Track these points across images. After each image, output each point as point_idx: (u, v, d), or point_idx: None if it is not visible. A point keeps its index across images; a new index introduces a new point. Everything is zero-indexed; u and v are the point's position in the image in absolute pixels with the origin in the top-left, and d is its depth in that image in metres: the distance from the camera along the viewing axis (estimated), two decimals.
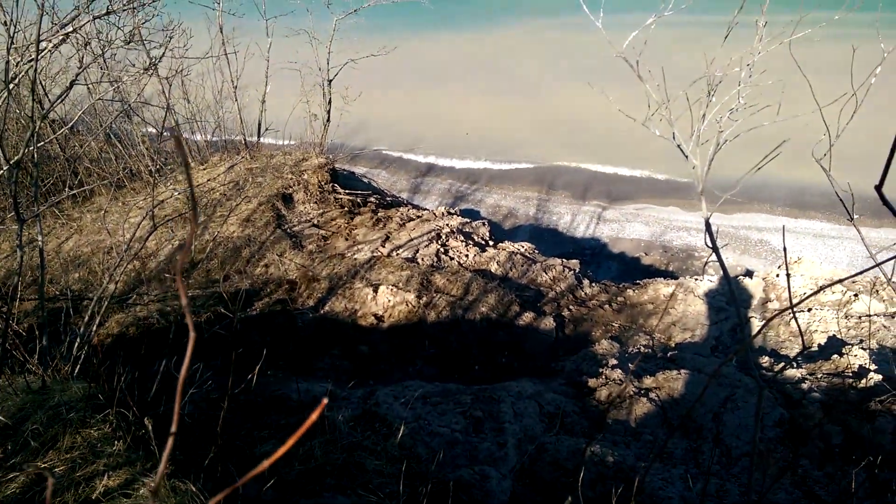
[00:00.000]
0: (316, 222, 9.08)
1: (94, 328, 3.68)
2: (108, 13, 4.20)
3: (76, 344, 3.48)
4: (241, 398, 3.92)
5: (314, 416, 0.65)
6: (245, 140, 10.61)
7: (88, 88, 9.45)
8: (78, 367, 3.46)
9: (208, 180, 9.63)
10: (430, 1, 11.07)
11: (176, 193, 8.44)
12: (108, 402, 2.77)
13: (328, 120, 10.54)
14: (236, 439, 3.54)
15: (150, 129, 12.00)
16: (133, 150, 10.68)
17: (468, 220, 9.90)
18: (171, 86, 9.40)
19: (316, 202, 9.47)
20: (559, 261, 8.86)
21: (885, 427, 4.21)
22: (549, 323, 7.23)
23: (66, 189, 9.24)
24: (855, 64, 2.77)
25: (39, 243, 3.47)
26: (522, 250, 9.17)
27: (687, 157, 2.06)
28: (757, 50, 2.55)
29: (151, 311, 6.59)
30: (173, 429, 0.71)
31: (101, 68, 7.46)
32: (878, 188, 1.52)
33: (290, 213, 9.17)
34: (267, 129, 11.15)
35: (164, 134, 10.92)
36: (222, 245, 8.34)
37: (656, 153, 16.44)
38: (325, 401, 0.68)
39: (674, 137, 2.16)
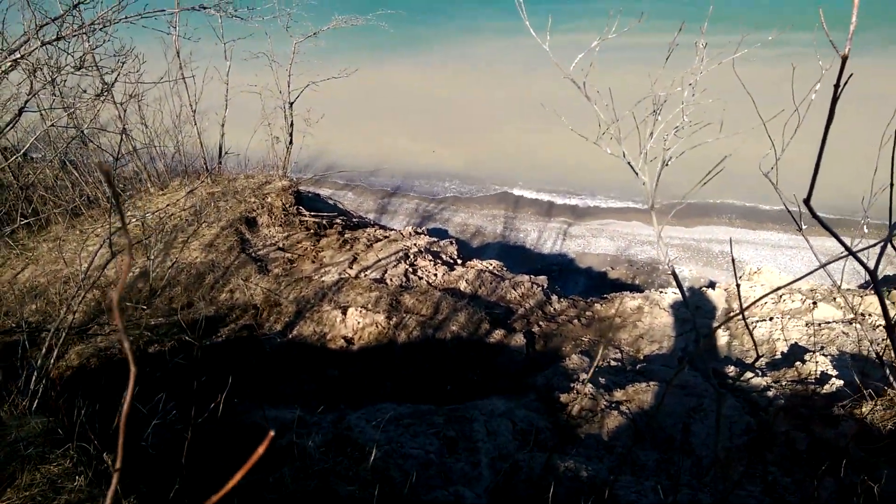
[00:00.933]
0: (281, 245, 8.96)
1: (53, 360, 3.53)
2: (57, 38, 4.12)
3: (33, 377, 3.34)
4: (207, 427, 3.81)
5: (260, 450, 0.64)
6: (206, 164, 10.45)
7: (41, 115, 9.22)
8: (36, 401, 3.32)
9: (168, 205, 9.43)
10: (389, 25, 11.14)
11: (134, 220, 8.24)
12: (67, 436, 2.65)
13: (290, 143, 10.48)
14: (204, 470, 3.43)
15: (108, 156, 11.74)
16: (90, 177, 10.40)
17: (436, 240, 9.91)
18: (125, 111, 9.22)
19: (281, 225, 9.36)
20: (527, 277, 8.93)
21: (847, 431, 4.32)
22: (519, 339, 7.25)
23: (20, 218, 8.93)
24: (796, 82, 2.89)
25: None
26: (490, 268, 9.21)
27: (637, 174, 2.12)
28: (699, 70, 2.65)
29: (113, 342, 6.37)
30: (117, 465, 0.68)
31: (53, 94, 7.28)
32: (807, 201, 1.60)
33: (255, 237, 9.03)
34: (227, 153, 11.01)
35: (121, 160, 10.70)
36: (185, 271, 8.15)
37: (614, 179, 16.82)
38: (272, 433, 0.67)
39: (624, 155, 2.22)
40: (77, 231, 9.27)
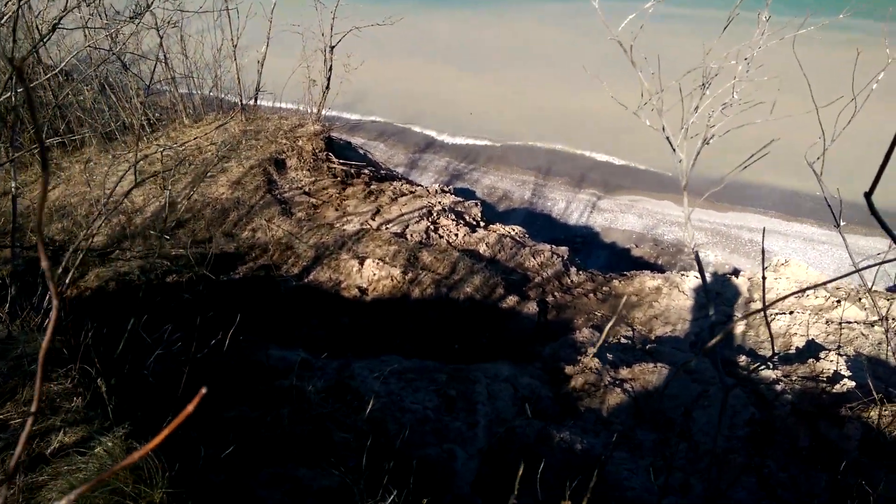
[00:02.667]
0: (307, 190, 8.99)
1: (68, 280, 3.62)
2: None
3: (48, 296, 3.43)
4: (213, 361, 3.89)
5: (190, 407, 0.62)
6: (241, 101, 10.43)
7: (85, 34, 9.25)
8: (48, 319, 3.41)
9: (198, 138, 9.48)
10: None
11: (161, 150, 8.31)
12: (71, 356, 2.73)
13: (327, 87, 10.37)
14: (206, 402, 3.52)
15: (155, 87, 11.81)
16: (127, 103, 10.49)
17: (461, 200, 9.83)
18: (161, 37, 9.17)
19: (309, 170, 9.36)
20: (548, 246, 8.84)
21: (852, 434, 4.24)
22: (532, 308, 7.23)
23: (55, 136, 9.08)
24: (858, 69, 2.70)
25: (13, 190, 3.39)
26: (513, 233, 9.14)
27: (674, 149, 2.01)
28: (757, 44, 2.48)
29: (132, 268, 6.52)
30: (33, 408, 0.67)
31: (90, 14, 7.26)
32: (868, 195, 1.47)
33: (282, 179, 9.07)
34: (261, 91, 10.94)
35: (157, 88, 10.75)
36: (210, 206, 8.25)
37: (653, 146, 16.35)
38: (204, 390, 0.65)
39: (663, 129, 2.10)
40: (109, 155, 9.40)
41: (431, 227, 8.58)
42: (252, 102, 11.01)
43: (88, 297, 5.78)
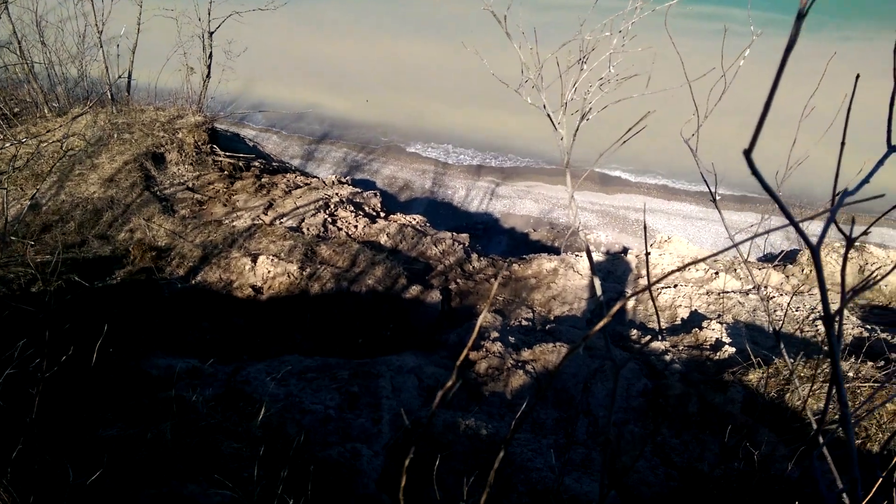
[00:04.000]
0: (191, 185, 8.41)
1: None
2: None
3: None
4: (83, 378, 3.50)
5: None
6: (111, 92, 9.56)
7: None
8: None
9: (47, 132, 8.58)
10: None
11: (7, 144, 7.44)
12: None
13: (208, 76, 9.75)
14: (74, 423, 3.15)
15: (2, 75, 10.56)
16: None
17: (359, 191, 9.62)
18: (1, 13, 8.23)
19: (192, 164, 8.76)
20: (450, 234, 8.85)
21: (735, 397, 4.55)
22: (435, 296, 7.20)
23: None
24: (728, 48, 2.82)
25: None
26: (414, 223, 9.06)
27: (556, 127, 1.99)
28: (631, 15, 2.51)
29: None
30: None
31: None
32: (747, 153, 1.48)
33: (161, 175, 8.41)
34: (128, 77, 10.09)
35: (8, 75, 9.67)
36: (80, 206, 7.50)
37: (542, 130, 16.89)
38: None
39: (544, 107, 2.07)
40: None
41: (329, 219, 8.32)
42: (124, 93, 10.14)
43: None
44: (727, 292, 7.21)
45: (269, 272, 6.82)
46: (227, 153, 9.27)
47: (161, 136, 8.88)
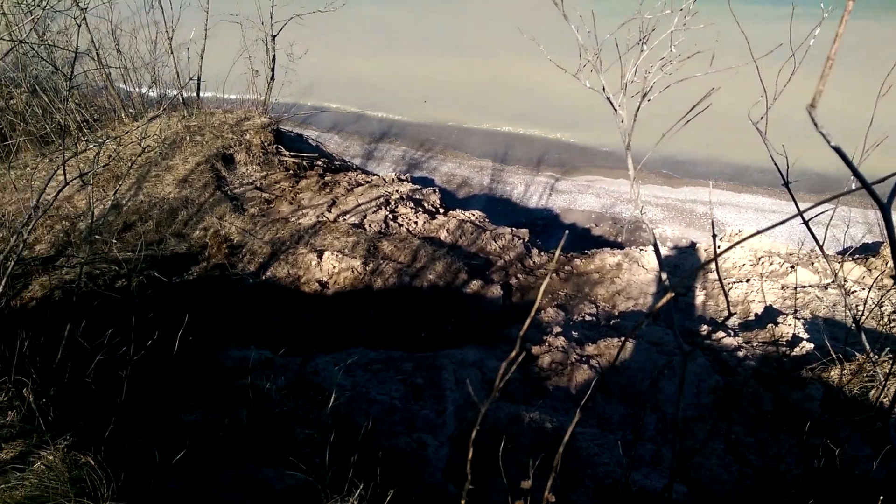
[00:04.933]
0: (259, 185, 8.72)
1: (0, 290, 3.37)
2: None
3: None
4: (166, 365, 3.70)
5: None
6: (182, 96, 10.03)
7: (11, 36, 8.72)
8: None
9: (126, 133, 9.06)
10: None
11: (89, 146, 7.92)
12: (5, 369, 2.52)
13: (272, 78, 10.06)
14: (158, 407, 3.34)
15: (83, 82, 11.25)
16: (61, 104, 9.96)
17: (419, 187, 9.71)
18: (80, 25, 8.74)
19: (259, 164, 9.08)
20: (509, 229, 8.81)
21: (814, 394, 4.33)
22: (496, 291, 7.18)
23: None
24: (798, 30, 2.67)
25: None
26: (472, 218, 9.07)
27: (616, 109, 1.94)
28: None
29: (78, 275, 6.19)
30: None
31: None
32: (811, 108, 1.39)
33: (231, 175, 8.76)
34: (197, 81, 10.52)
35: (90, 83, 10.26)
36: (157, 206, 7.91)
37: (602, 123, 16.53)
38: None
39: (604, 90, 2.03)
40: (47, 159, 8.92)
41: (390, 216, 8.44)
42: (195, 97, 10.61)
43: (33, 308, 5.46)
44: (804, 287, 6.86)
45: (333, 267, 6.99)
46: (292, 153, 9.56)
47: (230, 137, 9.25)
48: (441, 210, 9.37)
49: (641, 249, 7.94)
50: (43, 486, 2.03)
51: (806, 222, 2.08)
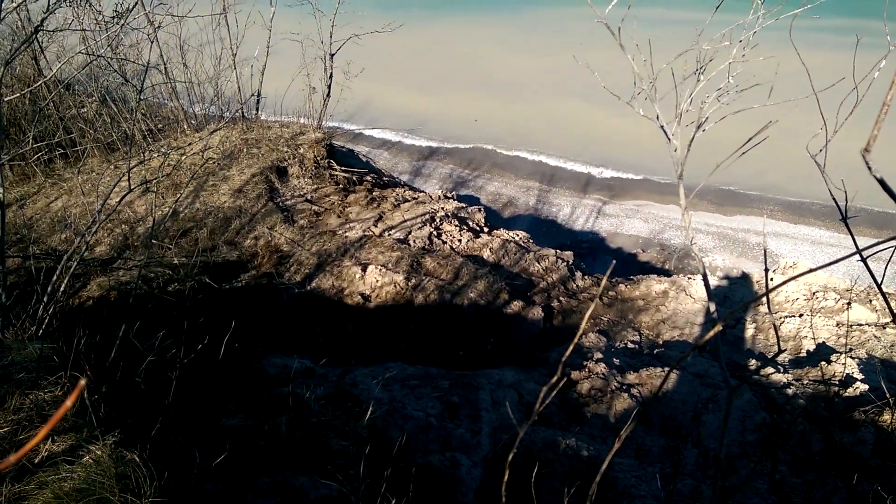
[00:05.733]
0: (309, 197, 8.95)
1: (62, 289, 3.57)
2: None
3: (42, 304, 3.37)
4: (211, 369, 3.82)
5: (68, 401, 0.54)
6: (242, 110, 10.43)
7: (83, 40, 9.29)
8: (43, 327, 3.36)
9: (189, 144, 9.46)
10: None
11: (154, 155, 8.29)
12: (63, 364, 2.66)
13: (328, 95, 10.36)
14: (202, 410, 3.45)
15: (150, 94, 11.85)
16: (129, 114, 10.51)
17: (464, 206, 9.77)
18: (152, 42, 9.20)
19: (310, 177, 9.33)
20: (553, 251, 8.75)
21: (866, 438, 4.12)
22: (537, 313, 7.13)
23: (58, 149, 9.10)
24: (859, 63, 2.60)
25: (0, 197, 3.34)
26: (517, 239, 9.05)
27: (669, 138, 1.93)
28: (752, 23, 2.39)
29: (134, 277, 6.48)
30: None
31: (80, 16, 7.26)
32: (865, 153, 1.35)
33: (284, 187, 9.03)
34: (257, 97, 10.92)
35: (155, 95, 10.78)
36: (213, 214, 8.21)
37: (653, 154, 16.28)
38: (83, 382, 0.57)
39: (657, 118, 2.02)
40: (112, 166, 9.40)
41: (434, 232, 8.51)
42: (253, 111, 11.01)
43: (90, 307, 5.74)
44: (860, 324, 6.55)
45: (377, 281, 7.09)
46: (343, 168, 9.79)
47: (284, 150, 9.55)
48: (485, 229, 9.39)
49: (689, 278, 7.75)
50: (90, 479, 2.13)
51: (864, 259, 2.01)
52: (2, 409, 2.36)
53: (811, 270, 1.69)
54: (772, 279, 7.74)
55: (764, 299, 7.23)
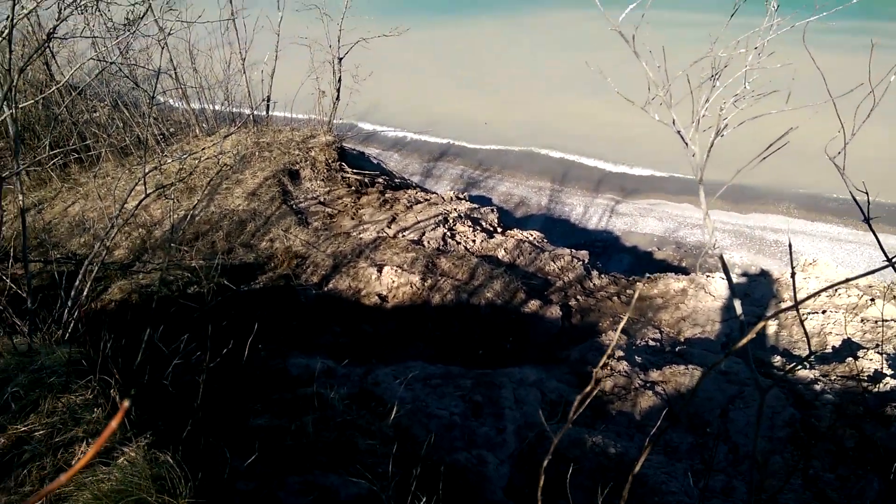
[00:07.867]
0: (322, 200, 8.95)
1: (85, 293, 3.57)
2: None
3: (66, 308, 3.37)
4: (235, 371, 3.81)
5: (114, 423, 0.52)
6: (253, 114, 10.47)
7: (94, 45, 9.37)
8: (69, 331, 3.36)
9: (202, 149, 9.49)
10: None
11: (168, 160, 8.33)
12: (91, 368, 2.65)
13: (337, 98, 10.37)
14: (228, 411, 3.43)
15: (162, 99, 11.92)
16: (141, 119, 10.57)
17: (477, 206, 9.73)
18: (163, 47, 9.24)
19: (323, 180, 9.33)
20: (568, 251, 8.69)
21: None
22: (555, 312, 7.08)
23: (73, 154, 9.16)
24: (874, 69, 2.56)
25: (20, 203, 3.35)
26: (531, 238, 9.01)
27: (686, 143, 1.90)
28: (767, 30, 2.35)
29: (154, 280, 6.50)
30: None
31: (92, 25, 7.30)
32: None
33: (297, 190, 9.04)
34: (267, 100, 10.95)
35: (166, 100, 10.84)
36: (228, 217, 8.23)
37: (666, 153, 16.15)
38: (126, 404, 0.55)
39: (673, 123, 1.98)
40: (127, 170, 9.45)
41: (448, 233, 8.49)
42: (264, 115, 11.05)
43: (112, 310, 5.75)
44: (886, 320, 6.45)
45: (393, 282, 7.07)
46: (354, 170, 9.79)
47: (296, 154, 9.56)
48: (499, 229, 9.35)
49: (708, 275, 7.67)
50: (127, 480, 2.11)
51: (891, 262, 1.96)
52: (36, 413, 2.35)
53: (847, 280, 1.64)
54: (791, 276, 7.64)
55: (786, 295, 7.14)
